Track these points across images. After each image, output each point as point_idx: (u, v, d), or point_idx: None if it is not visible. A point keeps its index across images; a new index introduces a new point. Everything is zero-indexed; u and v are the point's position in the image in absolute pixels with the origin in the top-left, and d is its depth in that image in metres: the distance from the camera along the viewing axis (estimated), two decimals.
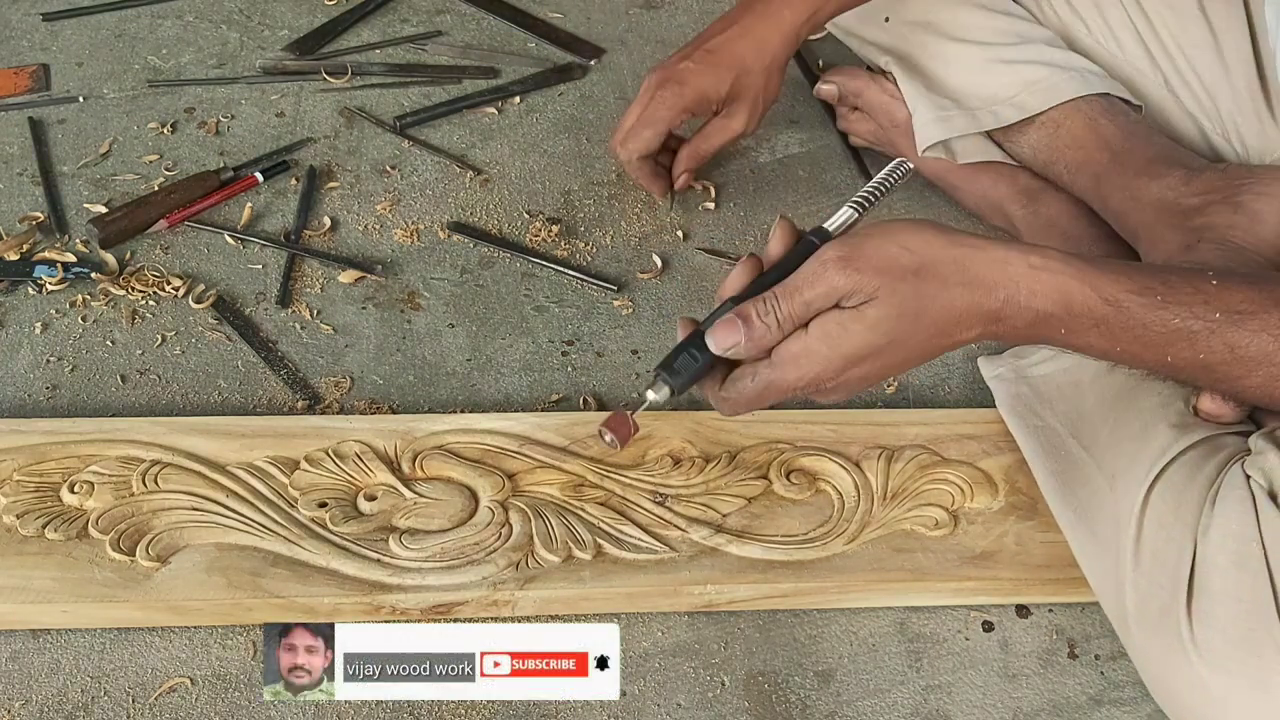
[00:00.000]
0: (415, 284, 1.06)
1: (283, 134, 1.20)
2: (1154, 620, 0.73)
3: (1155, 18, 1.04)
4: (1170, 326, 0.69)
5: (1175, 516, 0.74)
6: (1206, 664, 0.69)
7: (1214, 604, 0.70)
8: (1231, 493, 0.73)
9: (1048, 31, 1.08)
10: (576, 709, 0.78)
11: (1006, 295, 0.69)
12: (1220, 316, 0.69)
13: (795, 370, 0.69)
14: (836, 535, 0.85)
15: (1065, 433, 0.87)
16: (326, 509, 0.83)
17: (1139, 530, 0.75)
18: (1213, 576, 0.70)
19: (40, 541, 0.80)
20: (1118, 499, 0.78)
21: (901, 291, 0.67)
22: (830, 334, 0.68)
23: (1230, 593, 0.69)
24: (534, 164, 1.19)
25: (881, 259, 0.68)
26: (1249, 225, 0.91)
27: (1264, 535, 0.70)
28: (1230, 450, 0.77)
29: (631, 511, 0.85)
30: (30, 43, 1.29)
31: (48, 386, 0.95)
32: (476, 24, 1.36)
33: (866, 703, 0.80)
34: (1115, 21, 1.06)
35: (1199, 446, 0.77)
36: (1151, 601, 0.73)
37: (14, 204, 1.11)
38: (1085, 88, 1.02)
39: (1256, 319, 0.69)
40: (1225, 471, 0.74)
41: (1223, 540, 0.71)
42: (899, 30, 1.11)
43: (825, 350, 0.68)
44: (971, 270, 0.68)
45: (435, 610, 0.80)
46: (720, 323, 0.70)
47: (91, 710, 0.76)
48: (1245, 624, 0.68)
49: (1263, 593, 0.69)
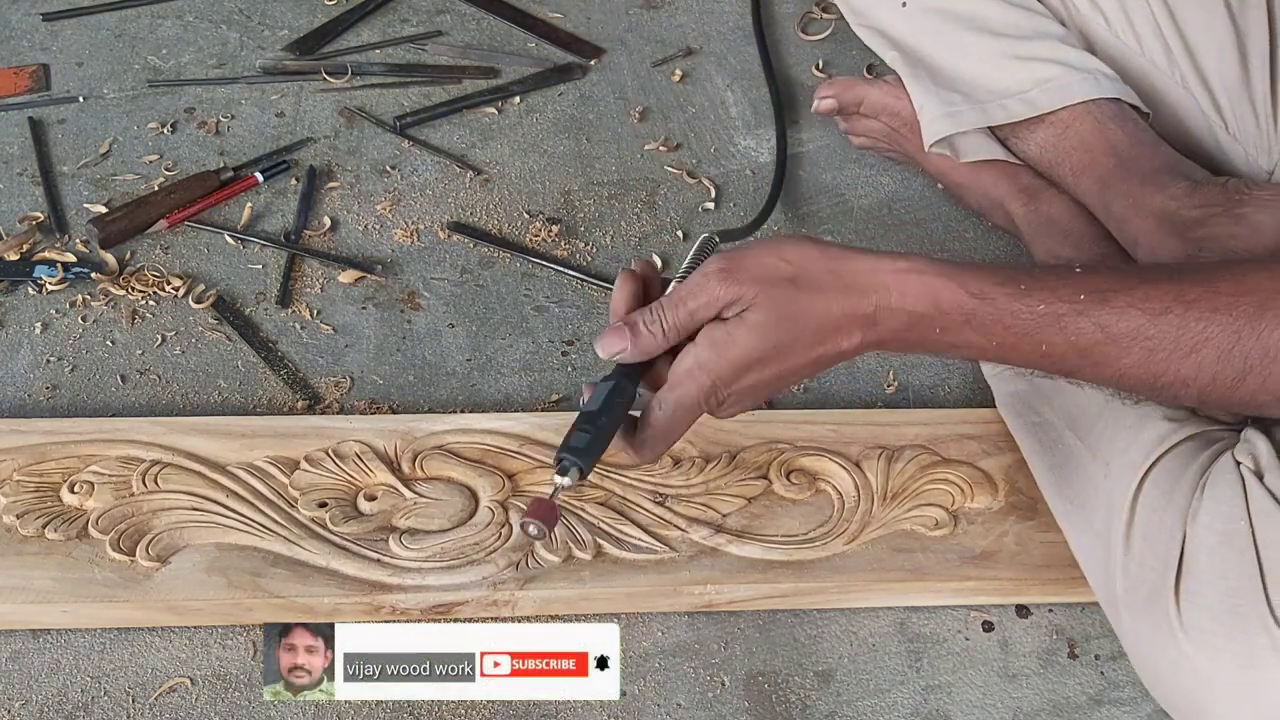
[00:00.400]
0: (415, 284, 1.06)
1: (283, 134, 1.20)
2: (1143, 603, 0.73)
3: (1180, 13, 1.04)
4: (1037, 312, 0.70)
5: (1167, 501, 0.75)
6: (1193, 643, 0.70)
7: (1201, 583, 0.70)
8: (1221, 477, 0.73)
9: (1064, 29, 1.08)
10: (576, 709, 0.78)
11: (878, 299, 0.70)
12: (1085, 297, 0.70)
13: (694, 383, 0.70)
14: (836, 535, 0.85)
15: (1062, 426, 0.87)
16: (326, 509, 0.83)
17: (1131, 515, 0.76)
18: (1200, 556, 0.71)
19: (40, 541, 0.80)
20: (1111, 486, 0.79)
21: (778, 297, 0.69)
22: (717, 341, 0.70)
23: (1217, 571, 0.70)
24: (534, 164, 1.19)
25: (760, 269, 0.70)
26: (1249, 237, 0.91)
27: (1251, 514, 0.71)
28: (1225, 443, 0.78)
29: (631, 511, 0.85)
30: (30, 43, 1.29)
31: (48, 386, 0.95)
32: (476, 24, 1.36)
33: (866, 703, 0.80)
34: (1137, 16, 1.05)
35: (1194, 439, 0.78)
36: (1141, 585, 0.74)
37: (14, 204, 1.11)
38: (1098, 91, 1.02)
39: (1122, 296, 0.70)
40: (1216, 460, 0.75)
41: (1211, 521, 0.72)
42: (915, 16, 1.11)
43: (714, 358, 0.70)
44: (845, 278, 0.71)
45: (435, 610, 0.80)
46: (608, 330, 0.71)
47: (91, 710, 0.76)
48: (1231, 601, 0.69)
49: (1249, 569, 0.69)
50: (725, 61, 1.33)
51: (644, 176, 1.18)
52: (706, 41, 1.35)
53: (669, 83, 1.29)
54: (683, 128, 1.24)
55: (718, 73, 1.31)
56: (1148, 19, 1.05)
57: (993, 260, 1.11)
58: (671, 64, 1.32)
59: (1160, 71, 1.05)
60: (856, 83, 1.15)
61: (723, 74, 1.31)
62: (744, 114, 1.26)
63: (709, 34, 1.36)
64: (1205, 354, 0.69)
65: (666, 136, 1.22)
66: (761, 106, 1.27)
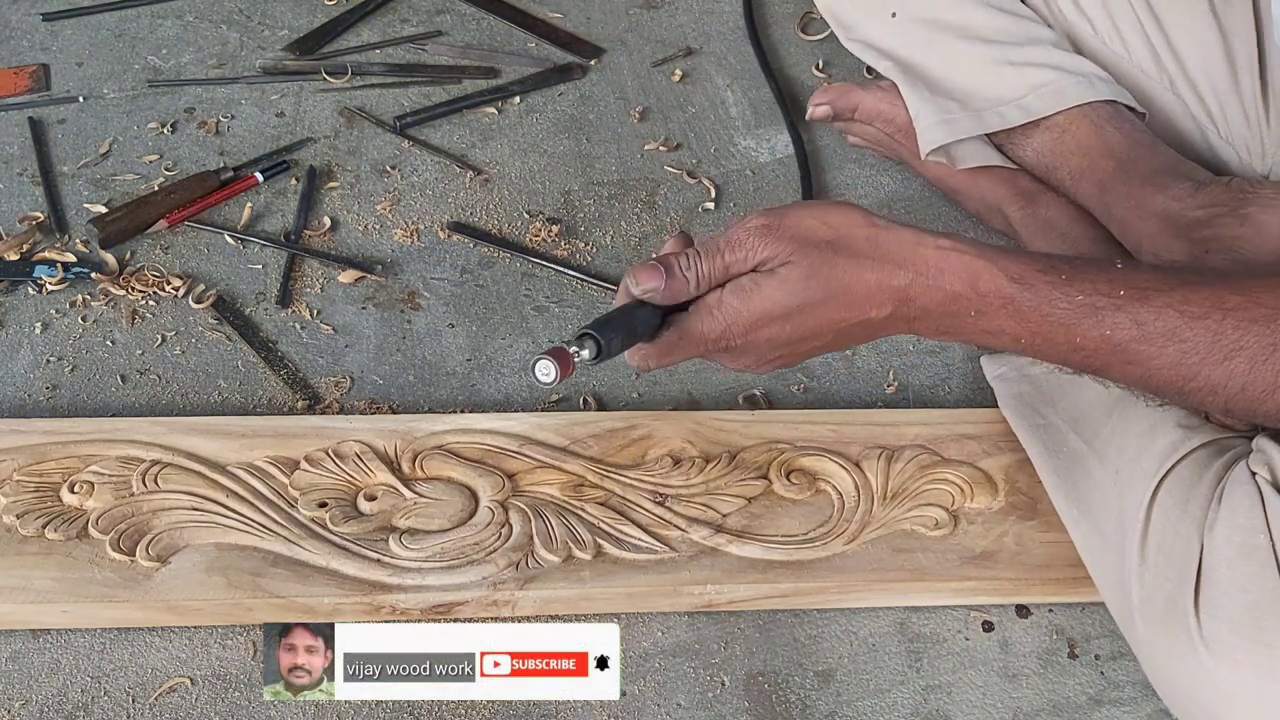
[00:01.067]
0: (415, 284, 1.06)
1: (283, 134, 1.20)
2: (1160, 614, 0.73)
3: (1165, 17, 1.04)
4: (1076, 303, 0.70)
5: (1183, 512, 0.74)
6: (1213, 655, 0.69)
7: (1220, 595, 0.70)
8: (1238, 488, 0.73)
9: (1054, 33, 1.07)
10: (576, 709, 0.78)
11: (915, 273, 0.70)
12: (1125, 293, 0.70)
13: (708, 320, 0.70)
14: (836, 535, 0.85)
15: (1067, 429, 0.87)
16: (326, 509, 0.83)
17: (1146, 526, 0.75)
18: (1219, 568, 0.70)
19: (40, 541, 0.80)
20: (1122, 493, 0.79)
21: (813, 256, 0.70)
22: (743, 288, 0.70)
23: (1237, 583, 0.70)
24: (534, 164, 1.19)
25: (800, 229, 0.70)
26: (1254, 237, 0.91)
27: (1271, 526, 0.70)
28: (1237, 451, 0.77)
29: (631, 511, 0.85)
30: (30, 43, 1.29)
31: (48, 386, 0.95)
32: (476, 24, 1.36)
33: (866, 703, 0.80)
34: (1123, 22, 1.05)
35: (1207, 447, 0.78)
36: (1157, 596, 0.73)
37: (14, 204, 1.11)
38: (1092, 93, 1.02)
39: (1162, 295, 0.70)
40: (1231, 469, 0.75)
41: (1229, 533, 0.71)
42: (905, 26, 1.10)
43: (736, 303, 0.70)
44: (883, 248, 0.71)
45: (435, 610, 0.80)
46: (643, 265, 0.71)
47: (91, 710, 0.76)
48: (1252, 614, 0.68)
49: (1270, 582, 0.69)
50: (725, 61, 1.33)
51: (644, 176, 1.18)
52: (706, 41, 1.35)
53: (669, 83, 1.29)
54: (683, 128, 1.24)
55: (717, 73, 1.31)
56: (1134, 25, 1.05)
57: None
58: (671, 64, 1.32)
59: (1149, 77, 1.05)
60: (851, 89, 1.14)
61: (722, 74, 1.31)
62: (744, 114, 1.26)
63: (709, 34, 1.36)
64: (1238, 363, 0.68)
65: (666, 136, 1.22)
66: (761, 106, 1.27)
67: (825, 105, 1.14)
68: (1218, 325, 0.69)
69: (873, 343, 1.02)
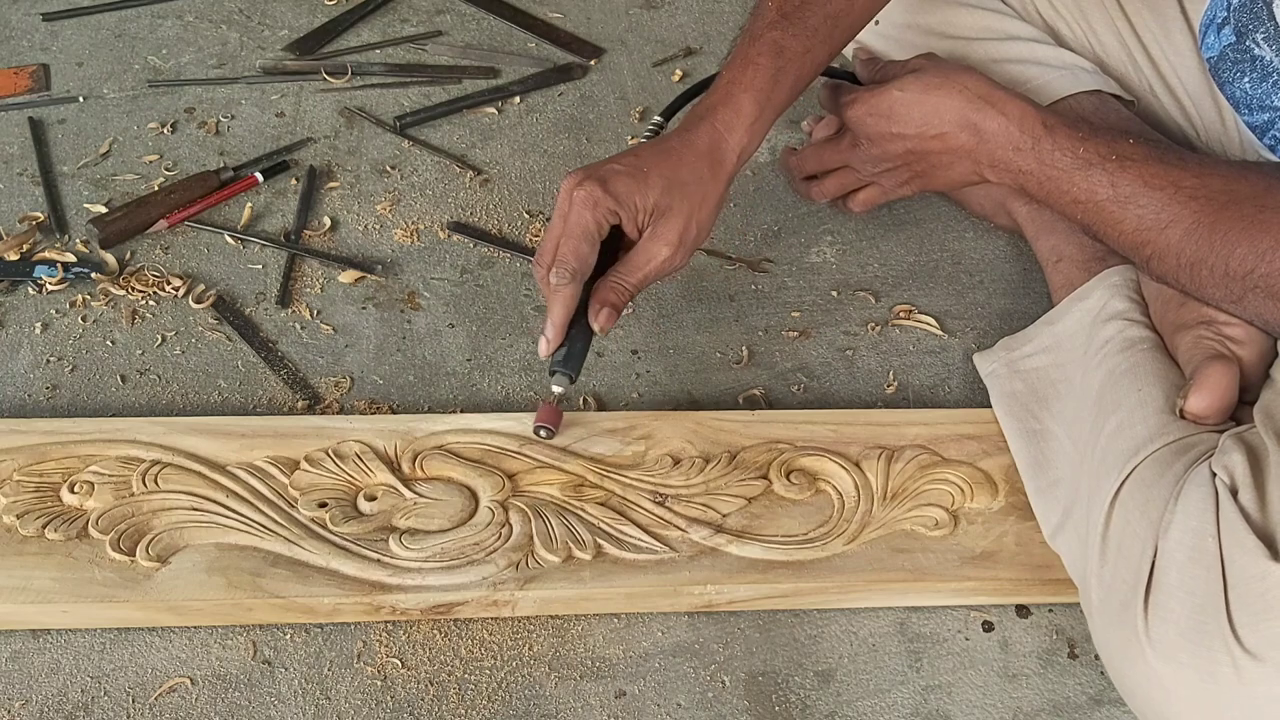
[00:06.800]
0: (415, 284, 1.06)
1: (283, 134, 1.20)
2: (1115, 614, 0.73)
3: (1136, 19, 1.04)
4: (1078, 156, 0.84)
5: (1141, 513, 0.74)
6: (1159, 656, 0.70)
7: (1168, 598, 0.70)
8: (1195, 490, 0.73)
9: (1033, 29, 1.08)
10: (577, 709, 0.78)
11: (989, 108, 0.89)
12: (1115, 158, 0.82)
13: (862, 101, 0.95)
14: (836, 535, 0.85)
15: (1062, 433, 0.87)
16: (326, 509, 0.83)
17: (1106, 525, 0.76)
18: (1170, 571, 0.71)
19: (40, 541, 0.80)
20: (1090, 493, 0.79)
21: (935, 61, 0.98)
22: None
23: (1184, 586, 0.70)
24: (534, 164, 1.19)
25: (949, 68, 0.94)
26: None
27: (1220, 530, 0.70)
28: (1202, 448, 0.77)
29: (631, 511, 0.85)
30: (30, 43, 1.29)
31: (48, 386, 0.95)
32: (476, 24, 1.36)
33: (866, 703, 0.80)
34: (1098, 24, 1.06)
35: (1172, 445, 0.78)
36: (1114, 596, 0.74)
37: (14, 204, 1.11)
38: (1076, 85, 1.02)
39: (1137, 165, 0.81)
40: (1192, 469, 0.75)
41: (1181, 536, 0.71)
42: (888, 33, 1.11)
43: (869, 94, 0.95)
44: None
45: (435, 610, 0.80)
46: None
47: (91, 710, 0.76)
48: (1196, 617, 0.69)
49: (1214, 586, 0.69)
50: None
51: None
52: (706, 41, 1.35)
53: (669, 83, 1.29)
54: None
55: None
56: (1109, 27, 1.06)
57: (992, 260, 1.11)
58: (671, 64, 1.32)
59: (1129, 80, 1.06)
60: (831, 122, 1.09)
61: None
62: None
63: (709, 34, 1.36)
64: (1173, 232, 0.79)
65: None
66: None
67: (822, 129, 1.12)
68: (1168, 198, 0.79)
69: (872, 342, 1.02)
